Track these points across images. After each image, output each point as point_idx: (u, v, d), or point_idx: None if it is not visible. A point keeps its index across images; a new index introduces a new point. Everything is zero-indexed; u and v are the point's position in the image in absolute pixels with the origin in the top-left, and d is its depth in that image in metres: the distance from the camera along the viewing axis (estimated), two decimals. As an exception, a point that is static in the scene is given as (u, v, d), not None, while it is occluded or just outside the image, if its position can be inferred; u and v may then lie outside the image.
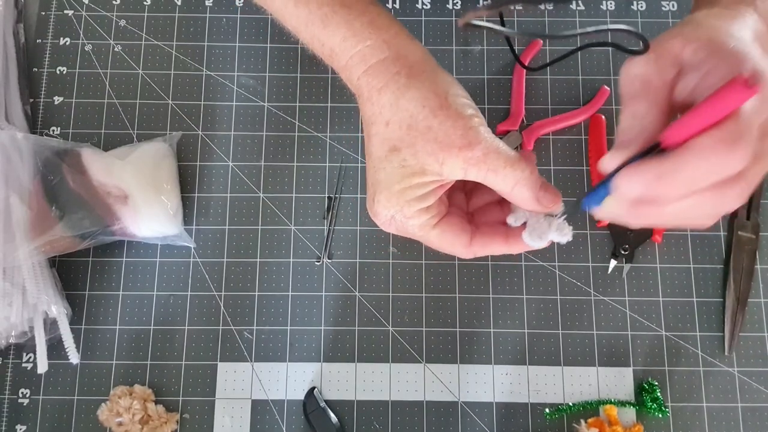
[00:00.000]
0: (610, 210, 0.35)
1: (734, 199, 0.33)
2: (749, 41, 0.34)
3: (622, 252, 0.57)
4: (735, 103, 0.29)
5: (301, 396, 0.54)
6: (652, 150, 0.32)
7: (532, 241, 0.40)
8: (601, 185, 0.35)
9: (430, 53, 0.41)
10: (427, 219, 0.40)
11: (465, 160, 0.37)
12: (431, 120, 0.37)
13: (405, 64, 0.39)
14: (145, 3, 0.63)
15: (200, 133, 0.60)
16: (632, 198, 0.33)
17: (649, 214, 0.33)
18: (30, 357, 0.55)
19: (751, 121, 0.30)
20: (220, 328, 0.56)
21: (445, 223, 0.40)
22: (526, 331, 0.56)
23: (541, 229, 0.40)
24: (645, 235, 0.57)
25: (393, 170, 0.38)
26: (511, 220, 0.41)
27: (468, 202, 0.44)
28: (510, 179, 0.37)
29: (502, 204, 0.42)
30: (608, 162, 0.34)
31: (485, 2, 0.63)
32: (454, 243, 0.41)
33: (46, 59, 0.61)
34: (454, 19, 0.63)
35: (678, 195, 0.32)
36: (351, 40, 0.40)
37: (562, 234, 0.40)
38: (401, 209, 0.39)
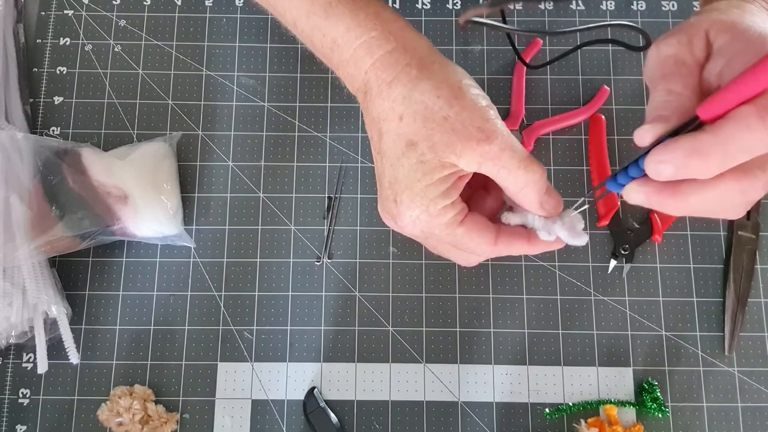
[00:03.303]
0: (637, 193, 0.33)
1: (762, 186, 0.31)
2: None
3: (622, 252, 0.57)
4: None
5: (301, 396, 0.54)
6: (685, 128, 0.31)
7: (548, 235, 0.39)
8: (630, 165, 0.34)
9: (434, 47, 0.40)
10: (453, 216, 0.38)
11: (482, 154, 0.36)
12: (447, 110, 0.36)
13: (414, 55, 0.38)
14: (145, 3, 0.63)
15: (200, 133, 0.60)
16: (665, 178, 0.31)
17: (675, 199, 0.32)
18: (30, 357, 0.55)
19: None
20: (220, 328, 0.56)
21: (470, 220, 0.39)
22: (526, 331, 0.56)
23: (550, 225, 0.39)
24: (645, 234, 0.57)
25: (412, 167, 0.37)
26: (506, 218, 0.40)
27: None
28: (521, 180, 0.37)
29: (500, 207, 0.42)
30: (645, 134, 0.32)
31: (485, 1, 0.63)
32: (480, 241, 0.39)
33: (46, 59, 0.61)
34: (454, 19, 0.63)
35: (712, 173, 0.30)
36: (355, 30, 0.38)
37: (575, 235, 0.38)
38: (426, 208, 0.37)
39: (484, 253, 0.40)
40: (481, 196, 0.42)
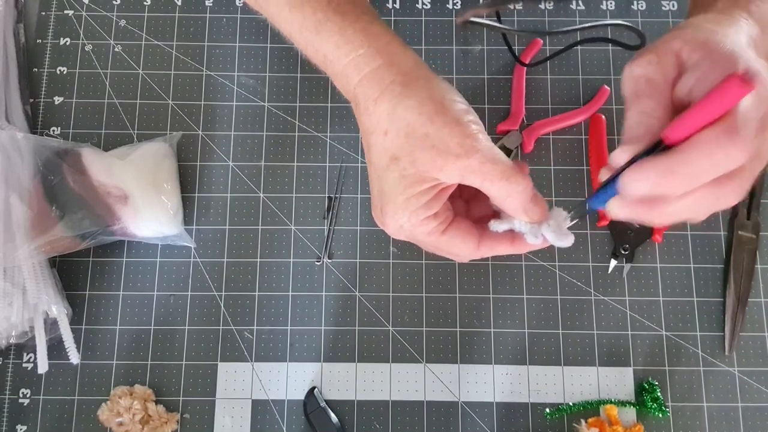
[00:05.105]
0: (616, 210, 0.35)
1: (734, 195, 0.33)
2: (743, 45, 0.34)
3: (623, 252, 0.57)
4: (733, 99, 0.30)
5: (301, 396, 0.54)
6: (654, 149, 0.33)
7: (534, 238, 0.40)
8: (606, 185, 0.35)
9: (423, 60, 0.41)
10: (435, 226, 0.40)
11: (462, 168, 0.37)
12: (428, 127, 0.37)
13: (399, 71, 0.39)
14: (145, 3, 0.63)
15: (200, 133, 0.60)
16: (638, 196, 0.33)
17: (653, 213, 0.34)
18: (30, 357, 0.55)
19: (749, 116, 0.31)
20: (221, 328, 0.56)
21: (454, 228, 0.40)
22: (526, 330, 0.56)
23: (536, 228, 0.40)
24: (645, 234, 0.57)
25: (395, 180, 0.38)
26: (493, 227, 0.41)
27: (467, 212, 0.44)
28: (504, 191, 0.38)
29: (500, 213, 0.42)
30: (619, 155, 0.34)
31: (485, 1, 0.63)
32: (462, 247, 0.41)
33: (47, 59, 0.61)
34: (454, 19, 0.63)
35: (683, 190, 0.32)
36: (344, 47, 0.40)
37: (561, 236, 0.40)
38: (408, 219, 0.39)
39: (468, 257, 0.42)
40: (484, 197, 0.43)
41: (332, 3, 0.40)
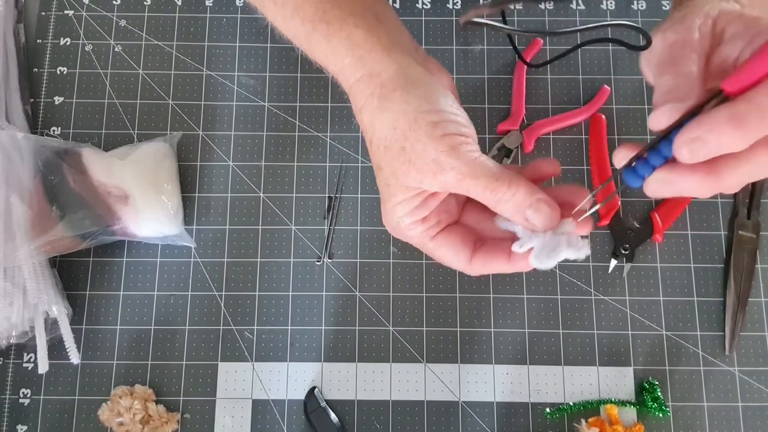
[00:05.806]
0: (664, 182, 0.32)
1: None
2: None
3: (623, 251, 0.57)
4: None
5: (301, 396, 0.54)
6: (705, 106, 0.31)
7: (541, 263, 0.37)
8: (650, 154, 0.32)
9: (408, 65, 0.39)
10: (422, 231, 0.39)
11: (440, 183, 0.36)
12: (403, 142, 0.36)
13: (378, 83, 0.38)
14: (145, 3, 0.63)
15: (200, 133, 0.60)
16: (699, 157, 0.30)
17: (710, 179, 0.31)
18: (31, 357, 0.55)
19: None
20: (221, 328, 0.56)
21: (444, 236, 0.39)
22: (526, 330, 0.56)
23: (528, 238, 0.37)
24: (645, 234, 0.57)
25: (382, 188, 0.39)
26: (497, 221, 0.39)
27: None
28: (491, 202, 0.37)
29: None
30: (662, 115, 0.31)
31: (485, 1, 0.63)
32: (452, 258, 0.40)
33: (47, 59, 0.61)
34: (454, 19, 0.63)
35: (750, 139, 0.30)
36: (331, 57, 0.40)
37: (543, 258, 0.37)
38: (397, 224, 0.39)
39: (460, 269, 0.40)
40: None
41: (318, 11, 0.40)
